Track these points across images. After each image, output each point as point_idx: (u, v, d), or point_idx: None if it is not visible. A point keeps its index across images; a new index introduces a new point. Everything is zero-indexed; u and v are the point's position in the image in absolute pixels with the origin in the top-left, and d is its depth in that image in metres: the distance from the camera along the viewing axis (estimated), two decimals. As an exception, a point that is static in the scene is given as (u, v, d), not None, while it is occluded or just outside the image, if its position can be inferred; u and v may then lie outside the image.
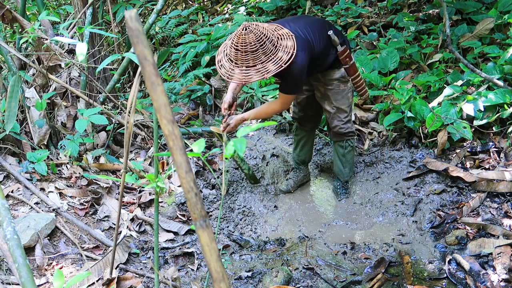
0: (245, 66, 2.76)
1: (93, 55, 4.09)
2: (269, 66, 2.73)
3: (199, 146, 1.29)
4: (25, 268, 1.29)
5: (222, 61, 2.86)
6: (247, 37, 2.70)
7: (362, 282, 2.74)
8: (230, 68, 2.80)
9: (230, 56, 2.79)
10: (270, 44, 2.73)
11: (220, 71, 2.85)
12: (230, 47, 2.77)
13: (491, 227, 2.94)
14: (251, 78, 2.76)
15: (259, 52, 2.72)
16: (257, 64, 2.74)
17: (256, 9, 5.84)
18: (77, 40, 3.43)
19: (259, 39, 2.70)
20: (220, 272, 0.93)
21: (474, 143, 3.55)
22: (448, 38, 3.95)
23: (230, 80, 2.82)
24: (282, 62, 2.74)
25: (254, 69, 2.74)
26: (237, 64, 2.77)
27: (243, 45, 2.70)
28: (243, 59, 2.75)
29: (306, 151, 3.62)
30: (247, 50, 2.71)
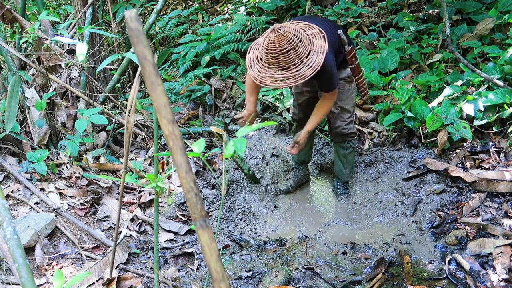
0: (279, 69, 2.67)
1: (93, 55, 4.09)
2: (303, 70, 2.65)
3: (199, 146, 1.29)
4: (25, 268, 1.29)
5: (253, 61, 2.78)
6: (277, 41, 2.61)
7: (362, 282, 2.74)
8: (262, 70, 2.72)
9: (262, 57, 2.71)
10: (302, 47, 2.65)
11: (251, 71, 2.76)
12: (262, 49, 2.70)
13: (491, 227, 2.94)
14: (285, 83, 2.68)
15: (291, 54, 2.63)
16: (291, 67, 2.66)
17: (256, 9, 5.84)
18: (77, 40, 3.43)
19: (291, 41, 2.61)
20: (220, 272, 0.93)
21: (474, 143, 3.55)
22: (448, 38, 3.95)
23: (261, 84, 2.75)
24: (316, 64, 2.66)
25: (288, 73, 2.66)
26: (270, 66, 2.69)
27: (274, 49, 2.62)
28: (275, 62, 2.66)
29: (306, 151, 3.61)
30: (278, 54, 2.63)
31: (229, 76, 5.11)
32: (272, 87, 2.74)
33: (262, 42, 2.72)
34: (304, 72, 2.66)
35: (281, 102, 4.54)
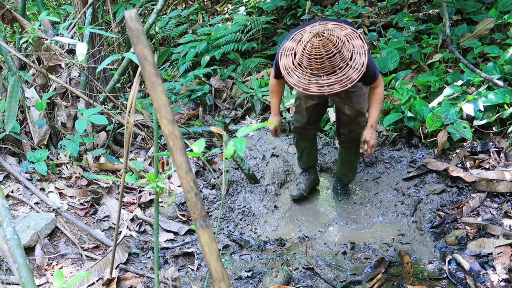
0: (324, 75, 2.54)
1: (93, 55, 4.09)
2: (350, 72, 2.54)
3: (199, 146, 1.29)
4: (25, 268, 1.29)
5: (290, 68, 2.62)
6: (323, 45, 2.48)
7: (362, 282, 2.74)
8: (304, 77, 2.58)
9: (302, 63, 2.57)
10: (346, 49, 2.53)
11: (290, 79, 2.62)
12: (302, 55, 2.55)
13: (491, 227, 2.94)
14: (332, 88, 2.54)
15: (337, 58, 2.51)
16: (337, 71, 2.54)
17: (256, 9, 5.84)
18: (77, 40, 3.43)
19: (336, 45, 2.49)
20: (220, 272, 0.93)
21: (474, 143, 3.55)
22: (448, 38, 3.95)
23: (305, 92, 2.62)
24: (361, 66, 2.55)
25: (335, 77, 2.54)
26: (313, 72, 2.56)
27: (319, 54, 2.48)
28: (320, 68, 2.53)
29: (312, 156, 3.54)
30: (324, 58, 2.49)
31: (229, 76, 5.11)
32: (318, 94, 2.59)
33: (301, 47, 2.55)
34: (351, 75, 2.54)
35: (281, 102, 4.54)
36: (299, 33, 2.70)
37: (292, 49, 2.66)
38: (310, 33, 2.52)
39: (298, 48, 2.59)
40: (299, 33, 2.70)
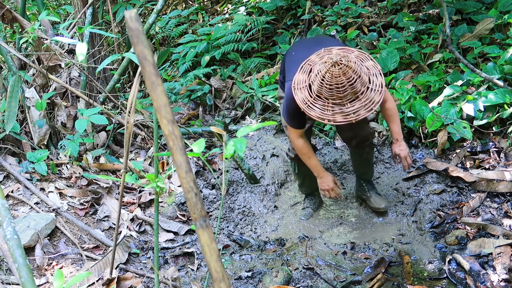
0: (348, 102, 2.48)
1: (93, 55, 4.09)
2: (372, 95, 2.49)
3: (199, 146, 1.29)
4: (25, 268, 1.29)
5: (309, 101, 2.54)
6: (343, 73, 2.42)
7: (362, 282, 2.74)
8: (327, 108, 2.51)
9: (322, 94, 2.49)
10: (363, 73, 2.48)
11: (312, 113, 2.54)
12: (321, 86, 2.47)
13: (491, 227, 2.94)
14: (359, 115, 2.48)
15: (358, 84, 2.45)
16: (359, 96, 2.48)
17: (256, 9, 5.84)
18: (77, 40, 3.43)
19: (356, 70, 2.44)
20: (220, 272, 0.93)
21: (474, 143, 3.55)
22: (448, 38, 3.95)
23: (330, 123, 2.55)
24: (380, 86, 2.51)
25: (359, 103, 2.48)
26: (336, 102, 2.49)
27: (341, 83, 2.42)
28: (342, 96, 2.46)
29: (314, 178, 3.29)
30: (346, 86, 2.43)
31: (229, 76, 5.11)
32: (344, 123, 2.51)
33: (318, 78, 2.47)
34: (373, 97, 2.49)
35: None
36: (307, 64, 2.61)
37: (305, 82, 2.57)
38: (325, 63, 2.44)
39: (314, 80, 2.51)
40: (307, 64, 2.61)
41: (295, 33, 5.36)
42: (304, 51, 2.83)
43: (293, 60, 2.85)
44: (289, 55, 2.98)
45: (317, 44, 2.86)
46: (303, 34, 5.27)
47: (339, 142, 4.01)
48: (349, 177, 3.78)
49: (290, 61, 2.91)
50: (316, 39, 3.04)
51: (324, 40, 3.00)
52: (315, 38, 3.05)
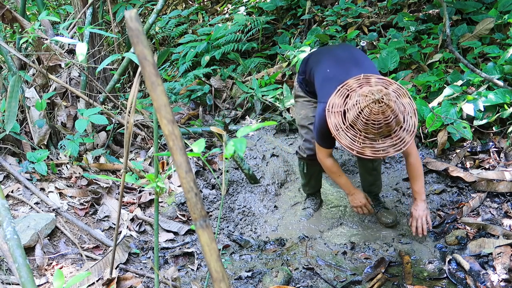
0: (380, 139, 2.48)
1: (93, 55, 4.09)
2: (403, 135, 2.49)
3: (199, 146, 1.29)
4: (25, 268, 1.29)
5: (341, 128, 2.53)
6: (382, 111, 2.39)
7: (362, 282, 2.74)
8: (358, 140, 2.50)
9: (356, 125, 2.48)
10: (400, 112, 2.45)
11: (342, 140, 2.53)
12: (357, 118, 2.44)
13: (491, 227, 2.94)
14: (388, 152, 2.49)
15: (393, 123, 2.43)
16: (391, 134, 2.47)
17: (256, 9, 5.84)
18: (77, 40, 3.43)
19: (394, 110, 2.41)
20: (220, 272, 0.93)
21: (474, 143, 3.55)
22: (448, 38, 3.95)
23: (358, 155, 2.55)
24: (413, 127, 2.50)
25: (390, 141, 2.47)
26: (368, 137, 2.48)
27: (378, 120, 2.41)
28: (377, 133, 2.46)
29: (320, 178, 3.42)
30: (382, 124, 2.42)
31: (229, 76, 5.11)
32: (371, 157, 2.53)
33: (355, 110, 2.44)
34: (405, 137, 2.48)
35: (281, 102, 4.54)
36: (344, 89, 2.57)
37: (340, 106, 2.55)
38: (366, 96, 2.42)
39: (350, 108, 2.48)
40: (344, 89, 2.57)
41: (295, 33, 5.36)
42: (338, 69, 2.76)
43: (326, 78, 2.78)
44: (320, 67, 2.87)
45: (352, 62, 2.80)
46: (303, 34, 5.27)
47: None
48: (349, 177, 3.77)
49: (322, 77, 2.82)
50: (349, 54, 2.90)
51: (357, 56, 2.89)
52: (347, 51, 2.95)
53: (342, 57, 2.88)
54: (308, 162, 3.22)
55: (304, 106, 3.11)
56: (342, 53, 2.92)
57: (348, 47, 3.11)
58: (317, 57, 2.99)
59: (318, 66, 2.91)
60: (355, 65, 2.76)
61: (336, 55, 2.91)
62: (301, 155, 3.22)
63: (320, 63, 2.92)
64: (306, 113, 3.09)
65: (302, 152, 3.20)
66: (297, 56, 4.55)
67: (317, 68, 2.91)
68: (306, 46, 4.60)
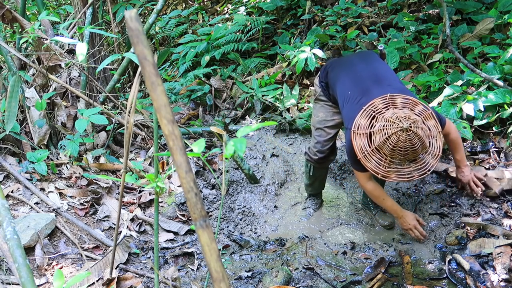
0: (405, 163, 2.51)
1: (93, 55, 4.09)
2: (428, 159, 2.52)
3: (199, 146, 1.29)
4: (25, 268, 1.29)
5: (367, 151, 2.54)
6: (409, 139, 2.42)
7: (362, 282, 2.74)
8: (384, 163, 2.52)
9: (382, 149, 2.50)
10: (426, 137, 2.48)
11: (367, 163, 2.55)
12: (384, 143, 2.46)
13: (491, 227, 2.94)
14: (412, 176, 2.53)
15: (419, 149, 2.48)
16: (417, 159, 2.51)
17: (256, 9, 5.84)
18: (77, 40, 3.43)
19: (421, 138, 2.44)
20: (220, 272, 0.93)
21: (474, 143, 3.55)
22: (448, 38, 3.95)
23: (382, 178, 2.58)
24: (438, 150, 2.53)
25: (414, 165, 2.51)
26: (393, 161, 2.51)
27: (405, 148, 2.44)
28: (402, 158, 2.49)
29: (324, 180, 3.44)
30: (409, 151, 2.46)
31: (229, 76, 5.11)
32: (395, 181, 2.58)
33: (382, 135, 2.46)
34: (429, 161, 2.52)
35: (281, 102, 4.54)
36: (370, 110, 2.57)
37: (366, 128, 2.55)
38: (393, 123, 2.43)
39: (376, 132, 2.49)
40: (370, 110, 2.57)
41: (295, 33, 5.36)
42: (359, 89, 2.72)
43: (348, 100, 2.74)
44: (341, 87, 2.84)
45: (372, 79, 2.76)
46: (303, 34, 5.27)
47: (339, 142, 4.01)
48: (349, 177, 3.78)
49: (344, 98, 2.78)
50: (369, 68, 2.82)
51: (377, 71, 2.83)
52: (367, 64, 2.86)
53: (362, 74, 2.81)
54: (316, 166, 3.22)
55: (325, 109, 3.08)
56: (362, 67, 2.85)
57: (368, 58, 2.99)
58: (337, 73, 2.93)
59: (339, 83, 2.86)
60: (375, 82, 2.73)
61: (355, 71, 2.84)
62: (311, 157, 3.20)
63: (340, 82, 2.86)
64: (325, 115, 3.07)
65: (312, 154, 3.18)
66: (297, 56, 4.55)
67: (338, 86, 2.87)
68: (306, 46, 4.60)
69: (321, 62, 4.67)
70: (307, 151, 3.24)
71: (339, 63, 3.02)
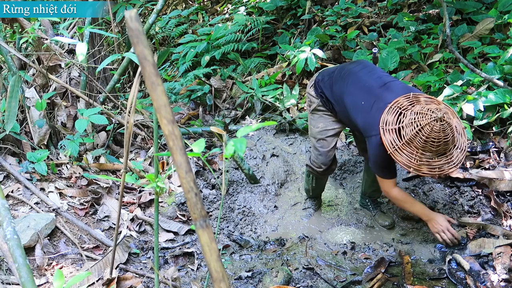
0: (436, 156, 2.50)
1: (93, 55, 4.09)
2: (456, 153, 2.52)
3: (199, 146, 1.29)
4: (25, 268, 1.29)
5: (397, 146, 2.52)
6: (443, 130, 2.42)
7: (362, 282, 2.74)
8: (415, 157, 2.51)
9: (412, 142, 2.49)
10: (455, 131, 2.49)
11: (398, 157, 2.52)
12: (416, 136, 2.45)
13: (491, 227, 2.94)
14: (442, 170, 2.52)
15: (450, 141, 2.47)
16: (446, 152, 2.50)
17: (256, 9, 5.84)
18: (77, 40, 3.43)
19: (453, 129, 2.46)
20: (220, 272, 0.93)
21: (474, 143, 3.55)
22: (448, 38, 3.95)
23: (414, 172, 2.56)
24: (464, 145, 2.55)
25: (445, 159, 2.51)
26: (425, 154, 2.50)
27: (438, 138, 2.43)
28: (435, 150, 2.48)
29: (323, 186, 3.43)
30: (441, 142, 2.45)
31: (229, 76, 5.11)
32: (427, 175, 2.56)
33: (414, 127, 2.45)
34: (458, 155, 2.52)
35: (281, 102, 4.54)
36: (396, 106, 2.56)
37: (393, 124, 2.54)
38: (426, 114, 2.43)
39: (406, 126, 2.48)
40: (396, 106, 2.56)
41: (295, 33, 5.36)
42: (372, 98, 2.69)
43: (365, 111, 2.71)
44: (352, 100, 2.79)
45: (382, 87, 2.73)
46: (303, 34, 5.27)
47: (339, 142, 4.01)
48: (349, 177, 3.78)
49: (361, 111, 2.74)
50: (375, 77, 2.81)
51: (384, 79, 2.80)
52: (371, 73, 2.86)
53: (370, 83, 2.78)
54: (318, 176, 3.22)
55: (324, 119, 3.05)
56: (366, 77, 2.82)
57: (368, 66, 2.96)
58: (341, 86, 2.88)
59: (347, 96, 2.82)
60: (386, 90, 2.71)
61: (362, 81, 2.81)
62: (313, 169, 3.17)
63: (349, 94, 2.81)
64: (325, 125, 3.03)
65: (316, 167, 3.14)
66: (297, 56, 4.55)
67: (347, 98, 2.82)
68: (306, 46, 4.60)
69: (321, 62, 4.67)
70: (309, 164, 3.21)
71: (341, 75, 2.93)
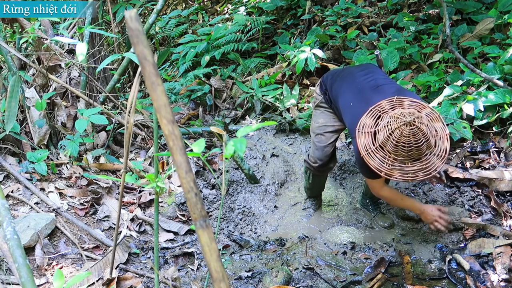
0: (409, 162, 2.46)
1: (93, 55, 4.09)
2: (433, 159, 2.46)
3: (199, 146, 1.29)
4: (25, 268, 1.29)
5: (371, 149, 2.50)
6: (413, 134, 2.38)
7: (362, 282, 2.74)
8: (387, 161, 2.47)
9: (385, 147, 2.46)
10: (432, 136, 2.44)
11: (371, 161, 2.50)
12: (387, 140, 2.43)
13: (491, 227, 2.94)
14: (417, 176, 2.47)
15: (424, 147, 2.42)
16: (421, 158, 2.45)
17: (256, 9, 5.84)
18: (77, 40, 3.43)
19: (426, 134, 2.40)
20: (220, 272, 0.93)
21: (474, 143, 3.55)
22: (448, 38, 3.95)
23: (386, 177, 2.54)
24: (444, 152, 2.47)
25: (419, 165, 2.45)
26: (397, 159, 2.46)
27: (409, 143, 2.39)
28: (406, 155, 2.43)
29: (324, 184, 3.43)
30: (412, 147, 2.40)
31: (229, 76, 5.11)
32: (400, 180, 2.52)
33: (386, 131, 2.43)
34: (434, 162, 2.46)
35: (281, 102, 4.54)
36: (376, 110, 2.55)
37: (370, 127, 2.53)
38: (397, 118, 2.41)
39: (381, 130, 2.47)
40: (376, 110, 2.55)
41: (295, 33, 5.36)
42: (361, 100, 2.69)
43: (353, 114, 2.70)
44: (343, 99, 2.82)
45: (373, 89, 2.73)
46: (303, 34, 5.27)
47: (339, 142, 4.01)
48: (349, 177, 3.78)
49: (350, 113, 2.75)
50: (370, 79, 2.81)
51: (379, 82, 2.79)
52: (368, 76, 2.85)
53: (363, 85, 2.78)
54: (315, 173, 3.22)
55: (325, 115, 3.06)
56: (362, 79, 2.82)
57: (368, 69, 2.96)
58: (338, 85, 2.90)
59: (341, 96, 2.85)
60: (375, 91, 2.71)
61: (356, 83, 2.82)
62: (310, 164, 3.18)
63: (342, 94, 2.84)
64: (325, 121, 3.05)
65: (312, 162, 3.15)
66: (297, 56, 4.55)
67: (340, 99, 2.85)
68: (306, 46, 4.60)
69: (321, 62, 4.67)
70: (307, 159, 3.22)
71: (341, 75, 2.97)
